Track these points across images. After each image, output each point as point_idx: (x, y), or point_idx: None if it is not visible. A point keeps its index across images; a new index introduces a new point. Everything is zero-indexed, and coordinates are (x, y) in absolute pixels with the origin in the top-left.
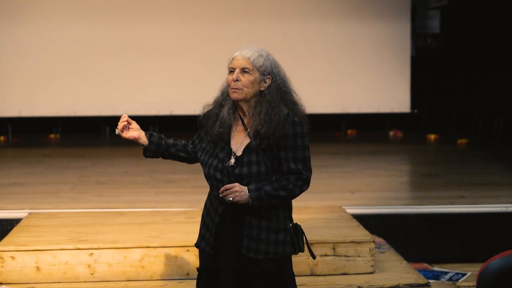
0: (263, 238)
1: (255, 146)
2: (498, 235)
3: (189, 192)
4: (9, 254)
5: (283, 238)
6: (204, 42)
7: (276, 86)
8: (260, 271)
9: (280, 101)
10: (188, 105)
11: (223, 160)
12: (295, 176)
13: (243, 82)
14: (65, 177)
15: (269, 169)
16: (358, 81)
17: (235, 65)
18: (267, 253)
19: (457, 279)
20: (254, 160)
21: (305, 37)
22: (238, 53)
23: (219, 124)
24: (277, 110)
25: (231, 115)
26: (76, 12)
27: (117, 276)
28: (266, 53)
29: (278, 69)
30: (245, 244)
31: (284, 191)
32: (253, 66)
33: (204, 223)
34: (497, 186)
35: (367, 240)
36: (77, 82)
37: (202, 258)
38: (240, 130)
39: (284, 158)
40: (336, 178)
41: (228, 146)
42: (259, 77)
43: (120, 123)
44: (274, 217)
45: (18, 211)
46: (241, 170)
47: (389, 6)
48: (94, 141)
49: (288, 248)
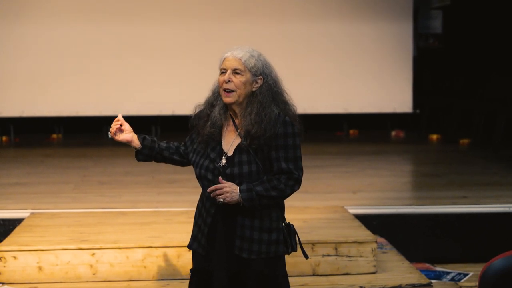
0: (255, 238)
1: (246, 146)
2: (500, 235)
3: (190, 192)
4: (11, 254)
5: (275, 237)
6: (205, 42)
7: (267, 86)
8: (253, 271)
9: (271, 102)
10: (190, 105)
11: (214, 161)
12: (286, 176)
13: (235, 83)
14: (67, 177)
15: (260, 169)
16: (360, 81)
17: (226, 66)
18: (259, 253)
19: (459, 279)
20: (245, 160)
21: (306, 37)
22: (229, 54)
23: (210, 124)
24: (267, 111)
25: (222, 115)
26: (78, 12)
27: (119, 276)
28: (258, 54)
29: (269, 69)
30: (237, 245)
31: (276, 191)
32: (245, 67)
33: (196, 223)
34: (499, 186)
35: (369, 240)
36: (79, 82)
37: (195, 259)
38: (231, 130)
39: (275, 157)
40: (338, 178)
41: (219, 146)
42: (250, 77)
43: (113, 125)
44: (267, 217)
45: (20, 211)
46: (232, 170)
47: (391, 6)
48: (95, 141)
49: (281, 247)
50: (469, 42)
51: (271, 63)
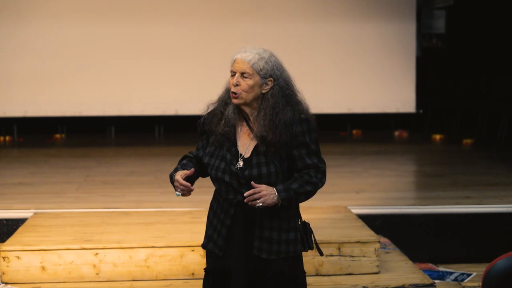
0: (275, 238)
1: (263, 151)
2: (504, 235)
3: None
4: (14, 254)
5: (293, 236)
6: (210, 42)
7: (278, 88)
8: (272, 271)
9: (285, 105)
10: (193, 105)
11: (231, 162)
12: (314, 170)
13: (242, 87)
14: (70, 177)
15: (278, 169)
16: (363, 81)
17: (235, 69)
18: (279, 253)
19: (462, 279)
20: (263, 161)
21: (310, 37)
22: (239, 56)
23: (224, 123)
24: (281, 116)
25: (236, 115)
26: (81, 12)
27: (122, 276)
28: (268, 55)
29: (280, 71)
30: (256, 245)
31: (310, 185)
32: (253, 70)
33: (211, 224)
34: (502, 186)
35: (372, 240)
36: (82, 82)
37: (210, 259)
38: (246, 132)
39: (298, 156)
40: (341, 178)
41: (234, 147)
42: (259, 80)
43: (182, 187)
44: (285, 216)
45: (23, 211)
46: (251, 172)
47: (394, 6)
48: (99, 141)
49: (299, 246)
50: (473, 42)
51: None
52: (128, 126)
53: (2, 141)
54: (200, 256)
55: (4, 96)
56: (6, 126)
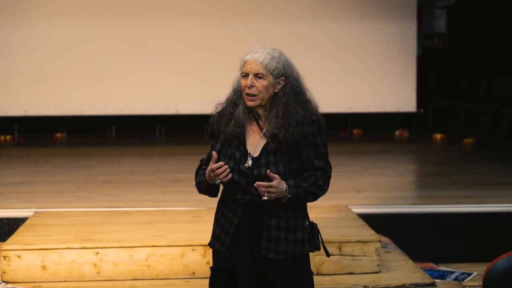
0: (282, 238)
1: (272, 149)
2: (504, 235)
3: (195, 192)
4: (15, 253)
5: (301, 236)
6: (211, 42)
7: (290, 86)
8: (279, 271)
9: (296, 103)
10: (194, 104)
11: (240, 161)
12: (320, 173)
13: (258, 88)
14: (71, 176)
15: (287, 169)
16: (364, 80)
17: (248, 70)
18: (286, 253)
19: (463, 278)
20: (272, 161)
21: (311, 37)
22: (250, 57)
23: (234, 124)
24: (293, 114)
25: (247, 115)
26: (83, 11)
27: (123, 275)
28: (278, 54)
29: (291, 69)
30: (264, 245)
31: (316, 187)
32: (267, 70)
33: (218, 223)
34: (503, 186)
35: (373, 240)
36: (83, 82)
37: (216, 258)
38: (255, 131)
39: (307, 157)
40: (342, 178)
41: (243, 146)
42: (273, 80)
43: (222, 174)
44: (292, 216)
45: (24, 210)
46: (259, 171)
47: (395, 5)
48: (100, 140)
49: (306, 246)
50: (474, 42)
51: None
52: (129, 125)
53: (3, 141)
54: (200, 256)
55: (5, 96)
56: (7, 125)
